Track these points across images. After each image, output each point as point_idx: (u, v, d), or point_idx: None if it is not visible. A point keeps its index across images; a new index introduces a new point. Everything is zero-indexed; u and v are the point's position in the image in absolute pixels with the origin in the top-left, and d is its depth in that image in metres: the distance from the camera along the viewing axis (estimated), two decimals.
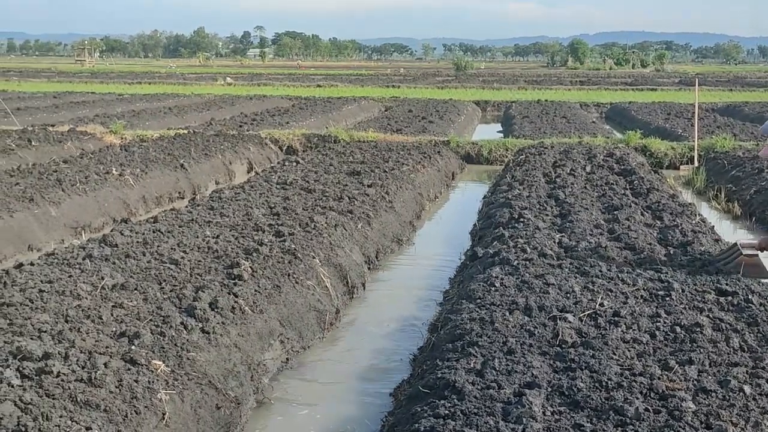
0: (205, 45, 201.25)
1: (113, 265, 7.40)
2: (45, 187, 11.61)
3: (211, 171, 15.75)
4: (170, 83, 50.10)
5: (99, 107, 28.68)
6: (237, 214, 9.97)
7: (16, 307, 6.07)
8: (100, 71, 73.54)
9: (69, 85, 45.91)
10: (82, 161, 14.30)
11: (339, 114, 28.14)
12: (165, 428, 4.71)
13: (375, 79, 59.78)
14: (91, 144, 18.09)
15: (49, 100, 31.50)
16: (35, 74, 63.09)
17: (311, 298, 7.55)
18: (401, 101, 34.49)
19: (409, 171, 14.22)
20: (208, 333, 5.91)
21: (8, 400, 4.36)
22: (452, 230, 12.18)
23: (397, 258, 10.46)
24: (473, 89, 46.17)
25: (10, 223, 10.07)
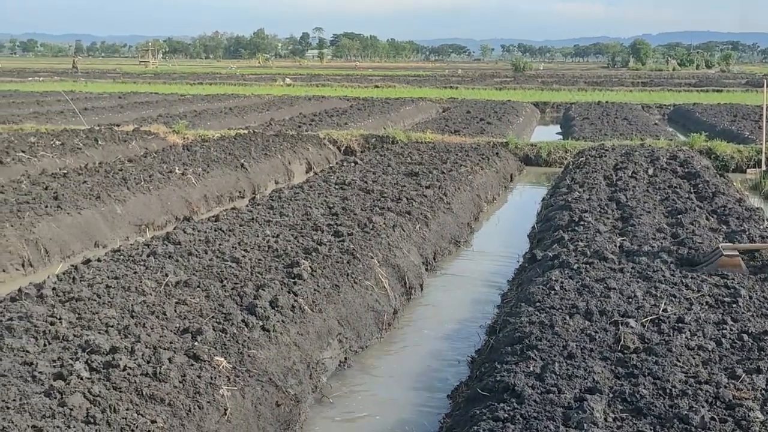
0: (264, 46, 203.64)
1: (176, 263, 7.55)
2: (111, 185, 11.91)
3: (271, 171, 15.94)
4: (230, 84, 50.83)
5: (162, 107, 29.28)
6: (296, 214, 10.07)
7: (85, 302, 6.25)
8: (163, 72, 75.08)
9: (133, 86, 46.95)
10: (146, 160, 14.62)
11: (397, 115, 28.18)
12: (227, 424, 4.78)
13: (433, 80, 59.71)
14: (155, 143, 18.49)
15: (115, 101, 32.27)
16: (101, 75, 64.74)
17: (369, 298, 7.59)
18: (459, 102, 34.37)
19: (467, 172, 14.16)
20: (269, 331, 5.98)
21: (78, 392, 4.49)
22: (510, 232, 12.10)
23: (455, 260, 10.44)
24: (532, 90, 45.74)
25: (78, 220, 10.37)
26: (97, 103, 30.28)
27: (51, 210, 10.22)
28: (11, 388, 4.52)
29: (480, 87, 49.13)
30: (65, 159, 15.49)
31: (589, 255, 8.04)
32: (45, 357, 5.07)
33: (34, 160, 14.87)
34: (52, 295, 6.47)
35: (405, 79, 61.35)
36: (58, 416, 4.27)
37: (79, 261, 8.11)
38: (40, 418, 4.25)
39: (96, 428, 4.21)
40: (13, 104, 29.36)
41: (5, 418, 4.18)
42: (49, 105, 29.22)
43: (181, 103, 31.77)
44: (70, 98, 30.07)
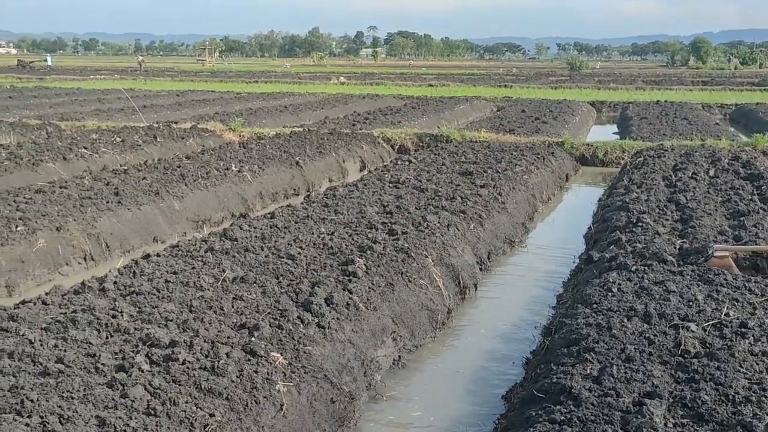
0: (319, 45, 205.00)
1: (233, 259, 7.66)
2: (169, 181, 12.13)
3: (325, 168, 16.03)
4: (285, 82, 51.29)
5: (218, 105, 29.68)
6: (351, 212, 10.11)
7: (145, 296, 6.38)
8: (219, 70, 76.15)
9: (190, 84, 47.73)
10: (203, 157, 14.84)
11: (451, 114, 28.07)
12: (282, 419, 4.83)
13: (487, 79, 59.32)
14: (212, 141, 18.76)
15: (173, 99, 32.84)
16: (160, 73, 65.95)
17: (423, 297, 7.58)
18: (514, 101, 34.09)
19: (522, 172, 14.04)
20: (324, 328, 6.02)
21: (139, 384, 4.58)
22: (565, 233, 11.95)
23: (509, 259, 10.36)
24: (588, 89, 45.09)
25: (138, 215, 10.58)
26: (155, 101, 30.85)
27: (112, 205, 10.45)
28: (76, 378, 4.64)
29: (535, 86, 48.65)
30: (125, 155, 15.82)
31: (647, 257, 7.90)
32: (107, 349, 5.19)
33: (95, 156, 15.22)
34: (114, 288, 6.63)
35: (459, 77, 61.14)
36: (120, 407, 4.37)
37: (138, 256, 8.29)
38: (103, 409, 4.35)
39: (156, 420, 4.29)
40: (75, 102, 30.12)
41: (70, 407, 4.30)
42: (110, 103, 29.87)
43: (237, 101, 32.16)
44: (130, 96, 30.72)
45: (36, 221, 9.31)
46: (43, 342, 5.28)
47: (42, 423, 4.12)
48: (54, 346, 5.22)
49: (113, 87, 41.16)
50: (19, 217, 9.39)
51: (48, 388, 4.52)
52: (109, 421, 4.20)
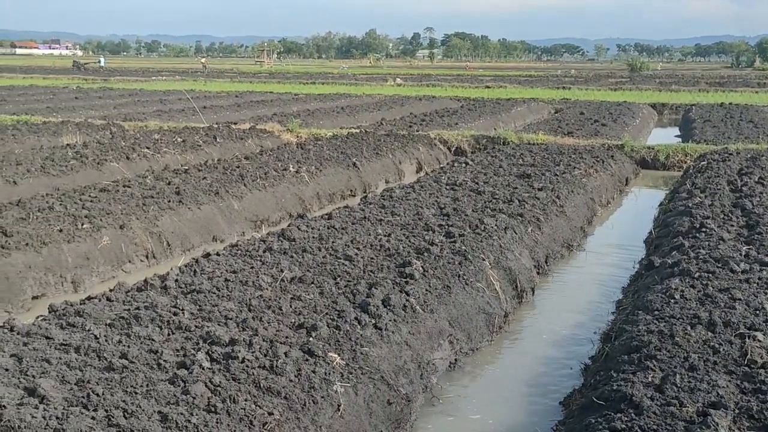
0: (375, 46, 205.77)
1: (291, 259, 7.73)
2: (229, 181, 12.30)
3: (382, 170, 16.07)
4: (342, 83, 51.59)
5: (276, 106, 30.00)
6: (407, 214, 10.11)
7: (205, 294, 6.49)
8: (277, 72, 77.00)
9: (249, 85, 48.35)
10: (261, 158, 15.01)
11: (508, 115, 27.87)
12: (340, 420, 4.85)
13: (545, 81, 58.75)
14: (270, 141, 18.98)
15: (232, 99, 33.31)
16: (219, 74, 66.99)
17: (480, 300, 7.53)
18: (572, 103, 33.67)
19: (581, 175, 13.86)
20: (381, 329, 6.03)
21: (200, 381, 4.66)
22: (625, 237, 11.74)
23: (567, 263, 10.23)
24: (649, 91, 44.25)
25: (198, 214, 10.76)
26: (215, 102, 31.33)
27: (173, 204, 10.65)
28: (139, 374, 4.74)
29: (594, 87, 47.97)
30: (186, 155, 16.11)
31: (711, 263, 7.71)
32: (169, 346, 5.29)
33: (157, 156, 15.54)
34: (175, 286, 6.75)
35: (516, 79, 60.64)
36: (182, 403, 4.45)
37: (198, 254, 8.42)
38: (165, 405, 4.43)
39: (216, 417, 4.35)
40: (138, 103, 30.80)
41: (134, 402, 4.39)
42: (171, 103, 30.46)
43: (295, 102, 32.47)
44: (191, 97, 31.27)
45: (101, 219, 9.54)
46: (108, 337, 5.41)
47: (107, 417, 4.22)
48: (118, 342, 5.34)
49: (174, 88, 41.96)
50: (85, 215, 9.64)
51: (113, 383, 4.63)
52: (171, 416, 4.27)
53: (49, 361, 4.96)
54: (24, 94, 35.25)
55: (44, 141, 17.48)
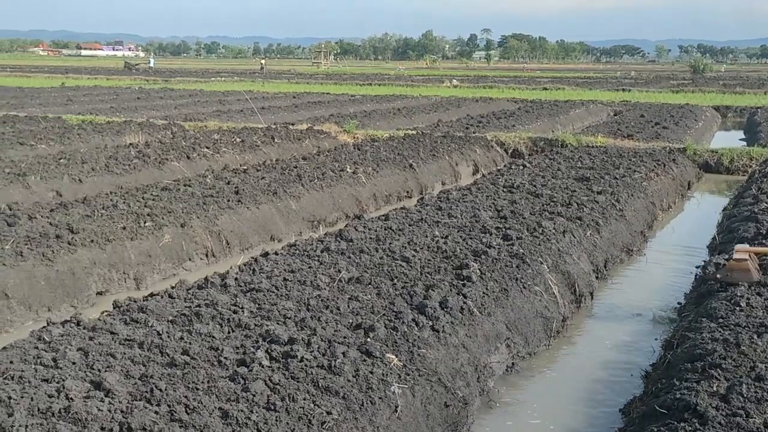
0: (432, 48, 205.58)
1: (349, 259, 7.76)
2: (287, 181, 12.42)
3: (438, 171, 16.05)
4: (398, 85, 51.67)
5: (333, 107, 30.20)
6: (464, 216, 10.07)
7: (264, 293, 6.56)
8: (334, 73, 77.51)
9: (306, 86, 48.75)
10: (319, 158, 15.13)
11: (566, 118, 27.56)
12: (397, 421, 4.85)
13: (604, 83, 57.91)
14: (327, 142, 19.11)
15: (289, 100, 33.64)
16: (277, 76, 67.74)
17: (538, 304, 7.46)
18: (632, 105, 33.12)
19: (641, 178, 13.61)
20: (438, 331, 6.02)
21: (260, 379, 4.71)
22: (687, 243, 11.49)
23: (627, 268, 10.06)
24: (712, 93, 43.28)
25: (257, 214, 10.89)
26: (273, 103, 31.68)
27: (232, 204, 10.80)
28: (200, 371, 4.82)
29: (655, 90, 47.08)
30: (245, 155, 16.33)
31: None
32: (229, 343, 5.36)
33: (217, 156, 15.78)
34: (235, 285, 6.85)
35: (574, 81, 59.95)
36: (242, 401, 4.50)
37: (256, 253, 8.53)
38: (226, 401, 4.50)
39: (276, 415, 4.39)
40: (198, 103, 31.34)
41: (195, 398, 4.46)
42: (230, 104, 30.90)
43: (351, 103, 32.63)
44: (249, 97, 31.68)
45: (162, 217, 9.73)
46: (170, 334, 5.52)
47: (170, 411, 4.30)
48: (180, 339, 5.44)
49: (233, 89, 42.58)
50: (147, 213, 9.84)
51: (175, 379, 4.72)
52: (232, 413, 4.34)
53: (114, 355, 5.08)
54: (89, 94, 36.20)
55: (108, 140, 17.91)
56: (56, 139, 17.44)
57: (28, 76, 59.88)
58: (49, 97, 33.44)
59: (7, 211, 9.62)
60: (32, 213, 9.53)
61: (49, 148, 16.30)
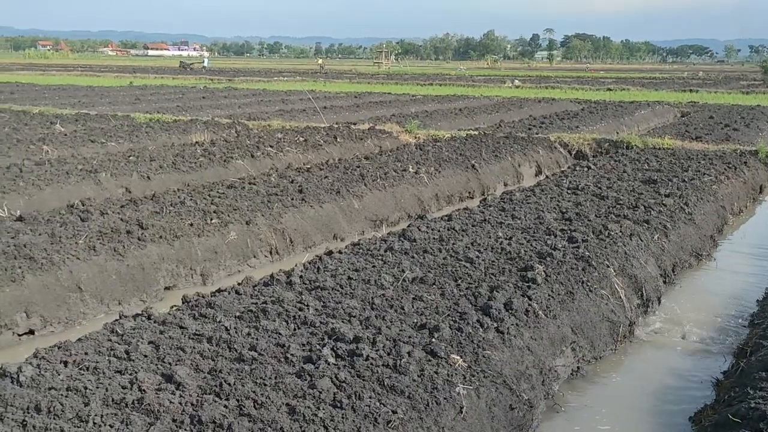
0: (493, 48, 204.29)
1: (412, 259, 7.76)
2: (349, 181, 12.49)
3: (500, 172, 15.93)
4: (459, 85, 51.44)
5: (394, 107, 30.22)
6: (528, 217, 9.97)
7: (329, 291, 6.61)
8: (395, 73, 77.60)
9: (367, 86, 48.92)
10: (381, 158, 15.17)
11: (631, 119, 27.03)
12: (462, 422, 4.83)
13: (670, 83, 56.66)
14: (388, 142, 19.14)
15: (351, 100, 33.81)
16: (338, 75, 68.15)
17: (604, 308, 7.34)
18: (700, 107, 32.31)
19: (711, 182, 13.27)
20: (503, 333, 5.97)
21: (326, 376, 4.75)
22: (759, 248, 11.18)
23: (695, 273, 9.82)
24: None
25: (320, 212, 10.98)
26: (335, 102, 31.88)
27: (296, 202, 10.91)
28: (267, 366, 4.89)
29: (724, 90, 45.85)
30: (308, 154, 16.47)
31: None
32: (295, 341, 5.42)
33: (280, 155, 15.95)
34: (300, 282, 6.92)
35: (640, 81, 58.81)
36: (309, 397, 4.55)
37: (319, 252, 8.61)
38: (293, 398, 4.55)
39: (342, 413, 4.42)
40: (261, 102, 31.74)
41: (263, 393, 4.52)
42: (293, 103, 31.21)
43: (413, 103, 32.61)
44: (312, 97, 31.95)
45: (228, 215, 9.88)
46: (238, 330, 5.60)
47: (239, 406, 4.37)
48: (247, 334, 5.52)
49: (295, 88, 43.01)
50: (213, 210, 10.00)
51: (243, 374, 4.79)
52: (299, 409, 4.38)
53: (183, 349, 5.19)
54: (156, 93, 37.00)
55: (175, 138, 18.28)
56: (125, 136, 17.88)
57: (97, 75, 61.55)
58: (118, 95, 34.30)
59: (80, 206, 9.90)
60: (104, 209, 9.80)
61: (119, 146, 16.73)
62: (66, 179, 12.06)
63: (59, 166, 13.11)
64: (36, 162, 13.51)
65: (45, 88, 39.93)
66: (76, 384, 4.60)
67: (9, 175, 12.09)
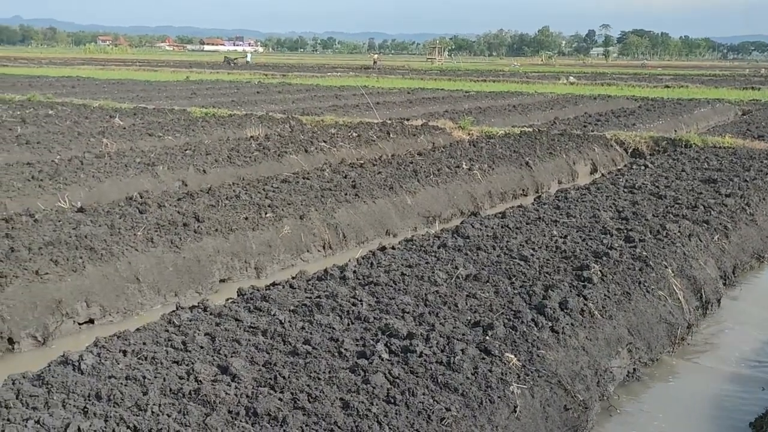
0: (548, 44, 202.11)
1: (466, 256, 7.73)
2: (402, 177, 12.48)
3: (555, 170, 15.74)
4: (513, 81, 51.01)
5: (447, 103, 30.09)
6: (584, 216, 9.84)
7: (382, 287, 6.61)
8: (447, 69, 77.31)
9: (420, 82, 48.80)
10: (434, 154, 15.12)
11: (690, 117, 26.45)
12: (516, 421, 4.79)
13: (731, 80, 55.31)
14: (441, 138, 19.07)
15: (404, 96, 33.78)
16: (391, 71, 68.17)
17: (662, 309, 7.19)
18: (763, 105, 31.46)
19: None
20: (558, 333, 5.90)
21: (380, 371, 4.75)
22: None
23: (757, 276, 9.57)
24: None
25: (373, 208, 10.99)
26: (387, 98, 31.89)
27: (349, 197, 10.94)
28: (321, 361, 4.91)
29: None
30: (360, 150, 16.51)
31: None
32: (349, 335, 5.44)
33: (333, 150, 16.02)
34: (353, 277, 6.94)
35: (699, 78, 57.52)
36: (362, 392, 4.55)
37: (371, 247, 8.63)
38: (346, 392, 4.56)
39: (396, 409, 4.42)
40: (315, 97, 31.92)
41: (317, 387, 4.55)
42: (346, 99, 31.32)
43: (466, 99, 32.43)
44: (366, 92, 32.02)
45: (282, 209, 9.96)
46: (292, 323, 5.65)
47: (293, 399, 4.40)
48: (301, 328, 5.55)
49: (348, 84, 43.15)
50: (268, 204, 10.09)
51: (297, 367, 4.82)
52: (353, 404, 4.39)
53: (239, 342, 5.25)
54: (211, 88, 37.52)
55: (230, 133, 18.50)
56: (182, 130, 18.16)
57: (155, 70, 62.67)
58: (175, 90, 34.86)
59: (138, 199, 10.09)
60: (161, 201, 9.97)
61: (175, 140, 16.99)
62: (125, 172, 12.30)
63: (118, 159, 13.38)
64: (96, 155, 13.81)
65: (104, 82, 40.81)
66: (134, 373, 4.69)
67: (70, 167, 12.38)
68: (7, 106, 23.54)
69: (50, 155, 14.11)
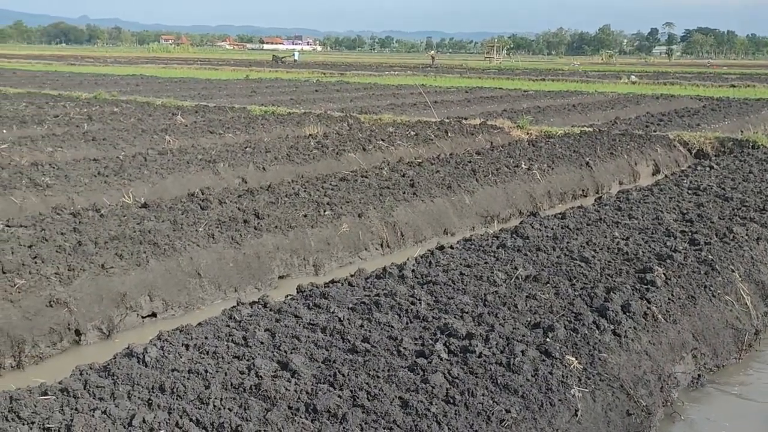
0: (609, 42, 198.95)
1: (525, 257, 7.64)
2: (461, 176, 12.42)
3: (616, 170, 15.48)
4: (573, 80, 50.32)
5: (506, 102, 29.85)
6: (646, 218, 9.65)
7: (441, 286, 6.59)
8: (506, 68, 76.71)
9: (478, 81, 48.49)
10: (492, 154, 15.01)
11: (757, 117, 25.72)
12: (577, 425, 4.71)
13: None
14: (500, 138, 18.93)
15: (461, 95, 33.63)
16: (449, 70, 67.95)
17: (728, 314, 7.00)
18: None
19: None
20: (620, 336, 5.79)
21: (439, 371, 4.73)
22: None
23: None
24: None
25: (431, 207, 10.96)
26: (445, 97, 31.79)
27: (407, 196, 10.93)
28: (380, 359, 4.91)
29: None
30: (418, 149, 16.49)
31: None
32: (408, 334, 5.42)
33: (391, 148, 16.04)
34: (412, 276, 6.92)
35: (766, 78, 55.87)
36: (421, 392, 4.54)
37: (429, 246, 8.60)
38: (405, 391, 4.55)
39: (455, 409, 4.39)
40: (373, 96, 32.01)
41: (377, 385, 4.55)
42: (403, 98, 31.32)
43: (525, 98, 32.12)
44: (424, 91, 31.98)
45: (341, 207, 10.01)
46: (351, 321, 5.66)
47: (352, 396, 4.41)
48: (360, 326, 5.56)
49: (405, 83, 43.16)
50: (327, 202, 10.15)
51: (356, 365, 4.83)
52: (411, 403, 4.37)
53: (298, 338, 5.28)
54: (270, 86, 37.94)
55: (289, 131, 18.67)
56: (242, 128, 18.39)
57: (215, 68, 63.65)
58: (235, 88, 35.35)
59: (200, 195, 10.25)
60: (222, 198, 10.11)
61: (236, 137, 17.23)
62: (186, 168, 12.51)
63: (180, 155, 13.62)
64: (159, 151, 14.08)
65: (167, 80, 41.63)
66: (197, 367, 4.76)
67: (134, 163, 12.65)
68: (75, 104, 24.19)
69: (115, 152, 14.44)
